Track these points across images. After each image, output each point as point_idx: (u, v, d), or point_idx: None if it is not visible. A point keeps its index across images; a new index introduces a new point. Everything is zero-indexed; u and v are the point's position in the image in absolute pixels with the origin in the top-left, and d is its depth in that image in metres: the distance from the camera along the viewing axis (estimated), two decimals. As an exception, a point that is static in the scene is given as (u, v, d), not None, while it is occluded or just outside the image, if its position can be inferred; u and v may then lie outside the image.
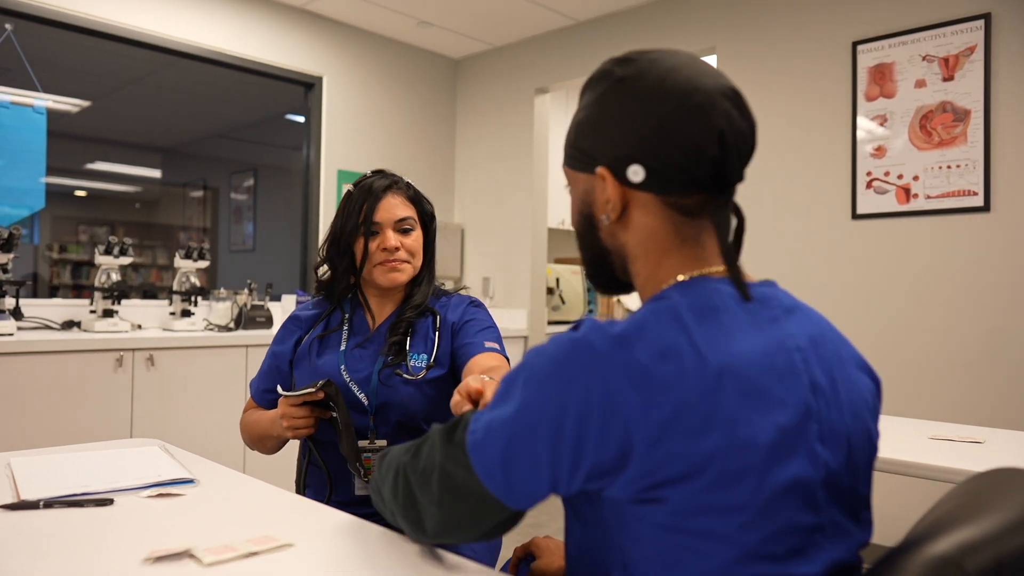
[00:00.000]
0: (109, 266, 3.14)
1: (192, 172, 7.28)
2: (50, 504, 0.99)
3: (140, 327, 3.22)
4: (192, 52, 3.65)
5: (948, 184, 2.85)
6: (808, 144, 3.22)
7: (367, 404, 1.38)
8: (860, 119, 3.07)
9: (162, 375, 2.89)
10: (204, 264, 3.39)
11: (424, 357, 1.42)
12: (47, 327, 3.03)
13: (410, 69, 4.51)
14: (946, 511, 0.71)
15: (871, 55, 3.05)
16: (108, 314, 3.04)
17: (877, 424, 0.79)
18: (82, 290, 6.62)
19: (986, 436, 1.59)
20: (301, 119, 4.30)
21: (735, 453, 0.64)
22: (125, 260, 3.17)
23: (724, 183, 0.74)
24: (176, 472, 1.16)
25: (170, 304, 3.39)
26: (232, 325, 3.33)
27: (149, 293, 6.79)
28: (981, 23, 2.78)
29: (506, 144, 4.45)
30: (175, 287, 3.34)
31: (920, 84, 2.92)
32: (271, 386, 1.49)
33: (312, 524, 0.95)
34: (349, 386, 1.39)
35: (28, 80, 3.25)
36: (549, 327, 4.48)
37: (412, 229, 1.46)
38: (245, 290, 3.49)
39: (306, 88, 4.14)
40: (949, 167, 2.85)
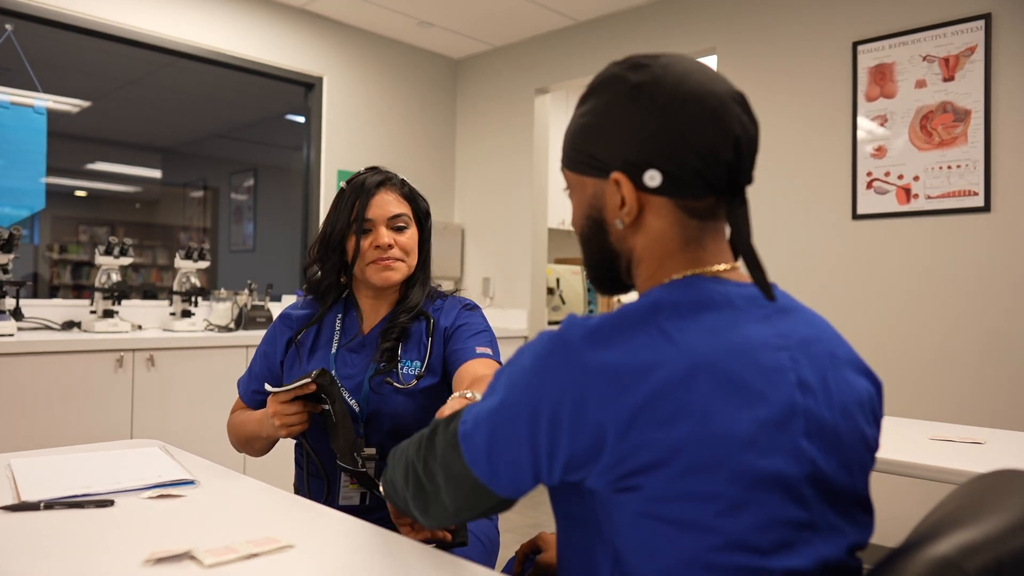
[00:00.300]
0: (109, 266, 3.14)
1: (192, 172, 7.28)
2: (51, 505, 0.99)
3: (140, 327, 3.22)
4: (192, 52, 3.65)
5: (948, 184, 2.85)
6: (808, 144, 3.22)
7: (358, 411, 1.35)
8: (860, 119, 3.07)
9: (162, 376, 2.89)
10: (204, 264, 3.39)
11: (417, 364, 1.38)
12: (47, 327, 3.03)
13: (410, 69, 4.51)
14: (947, 512, 0.71)
15: (871, 55, 3.05)
16: (108, 314, 3.04)
17: (877, 427, 0.79)
18: (82, 290, 6.62)
19: (986, 437, 1.59)
20: (301, 119, 4.30)
21: (706, 443, 0.66)
22: (125, 260, 3.17)
23: (736, 186, 0.76)
24: (176, 473, 1.16)
25: (170, 304, 3.39)
26: (232, 325, 3.33)
27: (149, 293, 6.80)
28: (981, 23, 2.78)
29: (506, 144, 4.45)
30: (175, 287, 3.34)
31: (920, 84, 2.92)
32: (261, 387, 1.44)
33: (313, 525, 0.95)
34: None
35: (28, 80, 3.25)
36: (549, 327, 4.46)
37: (406, 227, 1.41)
38: (245, 290, 3.49)
39: (306, 88, 4.14)
40: (949, 167, 2.85)
